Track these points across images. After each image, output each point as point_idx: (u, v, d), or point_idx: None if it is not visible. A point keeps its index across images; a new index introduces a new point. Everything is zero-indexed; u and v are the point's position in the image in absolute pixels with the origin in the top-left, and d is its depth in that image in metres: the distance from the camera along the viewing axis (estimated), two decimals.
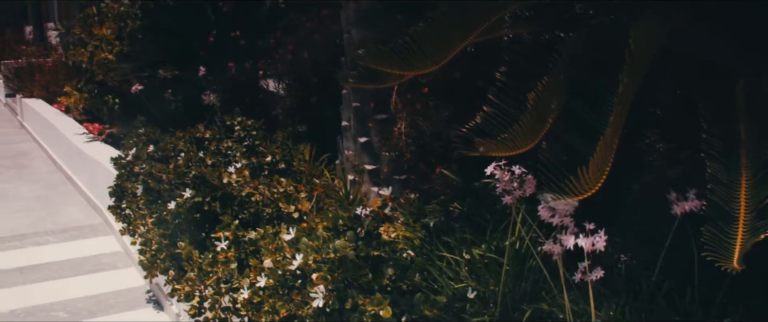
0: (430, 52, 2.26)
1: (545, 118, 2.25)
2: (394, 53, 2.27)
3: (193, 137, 5.37)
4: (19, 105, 13.49)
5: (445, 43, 2.26)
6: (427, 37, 2.23)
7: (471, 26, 2.27)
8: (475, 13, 2.25)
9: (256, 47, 6.43)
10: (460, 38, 2.27)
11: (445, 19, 2.21)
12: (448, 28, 2.24)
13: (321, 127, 5.69)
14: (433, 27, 2.21)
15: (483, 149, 2.18)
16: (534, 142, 2.27)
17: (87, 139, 8.89)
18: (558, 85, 2.17)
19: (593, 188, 2.10)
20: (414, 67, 2.31)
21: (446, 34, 2.24)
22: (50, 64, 12.15)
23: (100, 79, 8.25)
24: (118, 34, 7.88)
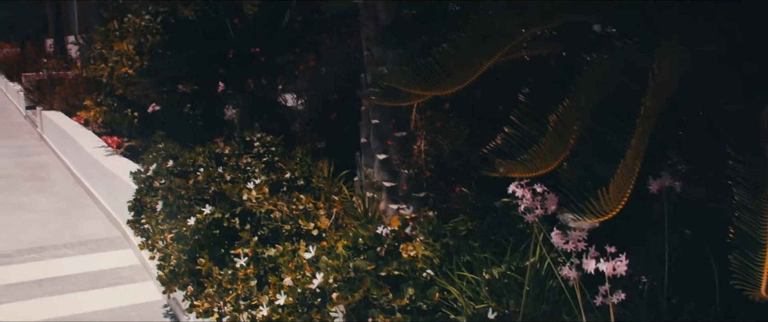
0: (454, 73, 2.26)
1: (566, 140, 2.24)
2: (417, 74, 2.28)
3: (213, 153, 5.39)
4: (39, 117, 13.61)
5: (469, 64, 2.27)
6: (450, 58, 2.24)
7: (495, 47, 2.27)
8: (499, 34, 2.25)
9: (275, 63, 6.46)
10: (484, 59, 2.27)
11: (469, 40, 2.21)
12: (471, 49, 2.24)
13: (340, 144, 5.70)
14: (457, 48, 2.21)
15: (503, 170, 2.18)
16: (555, 163, 2.27)
17: (106, 152, 8.94)
18: (580, 108, 2.16)
19: (614, 210, 2.09)
20: (437, 88, 2.31)
21: (470, 55, 2.24)
22: (70, 78, 12.26)
23: (120, 93, 8.31)
24: (138, 49, 7.93)
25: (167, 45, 6.96)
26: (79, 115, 11.06)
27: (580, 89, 2.13)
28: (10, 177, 10.46)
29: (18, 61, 19.74)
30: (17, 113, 17.46)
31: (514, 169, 2.13)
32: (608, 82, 2.21)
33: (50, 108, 12.99)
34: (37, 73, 14.97)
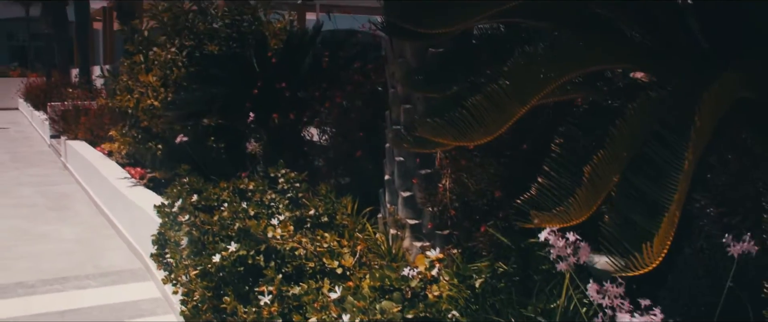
0: (486, 123, 2.27)
1: (601, 191, 2.23)
2: (450, 125, 2.28)
3: (237, 188, 5.41)
4: (64, 147, 13.74)
5: (501, 115, 2.27)
6: (483, 108, 2.24)
7: (528, 96, 2.27)
8: (533, 83, 2.25)
9: (300, 98, 6.50)
10: (517, 108, 2.27)
11: (502, 91, 2.21)
12: (504, 100, 2.24)
13: (363, 180, 5.71)
14: (490, 99, 2.22)
15: (538, 222, 2.17)
16: (589, 213, 2.25)
17: (129, 183, 9.00)
18: (616, 158, 2.15)
19: (655, 263, 2.07)
20: (469, 139, 2.32)
21: (502, 106, 2.24)
22: (95, 108, 12.40)
23: (145, 126, 8.38)
24: (163, 82, 8.02)
25: (192, 79, 7.03)
26: (102, 146, 11.17)
27: (615, 140, 2.12)
28: (34, 206, 10.54)
29: (44, 90, 20.01)
30: (42, 142, 17.65)
31: (549, 220, 2.13)
32: (644, 132, 2.20)
33: (74, 138, 13.13)
34: (62, 102, 15.15)
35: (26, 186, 12.04)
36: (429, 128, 2.35)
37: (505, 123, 2.32)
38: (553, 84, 2.31)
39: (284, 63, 6.61)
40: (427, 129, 2.37)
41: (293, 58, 6.67)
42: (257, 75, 6.52)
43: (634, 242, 2.03)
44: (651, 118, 2.21)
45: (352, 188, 5.69)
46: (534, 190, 2.25)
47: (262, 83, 6.36)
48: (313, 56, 6.68)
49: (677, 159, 2.06)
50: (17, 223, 9.44)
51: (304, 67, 6.62)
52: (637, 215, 2.14)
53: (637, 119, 2.16)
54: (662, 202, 2.03)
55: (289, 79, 6.39)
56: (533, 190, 2.25)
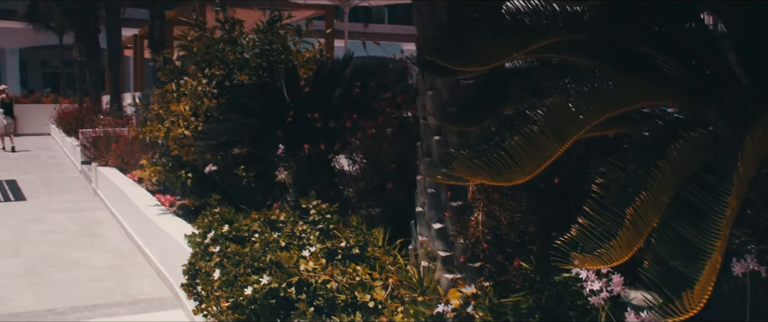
0: (524, 163, 2.25)
1: (643, 232, 2.20)
2: (487, 165, 2.27)
3: (268, 219, 5.41)
4: (94, 173, 13.88)
5: (540, 154, 2.25)
6: (520, 148, 2.22)
7: (567, 135, 2.25)
8: (571, 122, 2.23)
9: (330, 129, 6.52)
10: (556, 148, 2.25)
11: (540, 131, 2.20)
12: (543, 140, 2.22)
13: (394, 211, 5.69)
14: (528, 139, 2.20)
15: (578, 263, 2.14)
16: (629, 255, 2.22)
17: (159, 211, 9.06)
18: (657, 200, 2.12)
19: (696, 309, 2.03)
20: (507, 179, 2.30)
21: (541, 146, 2.22)
22: (126, 136, 12.53)
23: (175, 154, 8.44)
24: (194, 111, 8.08)
25: (223, 109, 7.08)
26: (133, 173, 11.26)
27: (657, 181, 2.09)
28: (65, 232, 10.64)
29: (75, 117, 20.29)
30: (73, 168, 17.85)
31: (591, 262, 2.10)
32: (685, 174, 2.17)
33: (105, 164, 13.26)
34: (93, 129, 15.33)
35: (58, 212, 12.17)
36: (466, 168, 2.34)
37: (543, 163, 2.30)
38: (592, 123, 2.29)
39: (315, 93, 6.64)
40: (464, 169, 2.35)
41: (324, 89, 6.69)
42: (288, 105, 6.55)
43: (675, 288, 2.00)
44: (692, 159, 2.18)
45: (383, 219, 5.68)
46: (574, 231, 2.22)
47: (293, 113, 6.38)
48: (343, 86, 6.70)
49: (719, 204, 2.03)
50: (49, 249, 9.53)
51: (335, 97, 6.64)
52: (677, 259, 2.10)
53: (679, 161, 2.13)
54: (703, 247, 2.00)
55: (319, 109, 6.41)
56: (573, 231, 2.22)
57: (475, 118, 3.26)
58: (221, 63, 8.30)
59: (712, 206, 2.05)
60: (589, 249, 2.14)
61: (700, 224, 2.06)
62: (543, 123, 2.21)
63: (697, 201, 2.13)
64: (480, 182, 2.38)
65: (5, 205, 12.94)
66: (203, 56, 8.43)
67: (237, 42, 8.54)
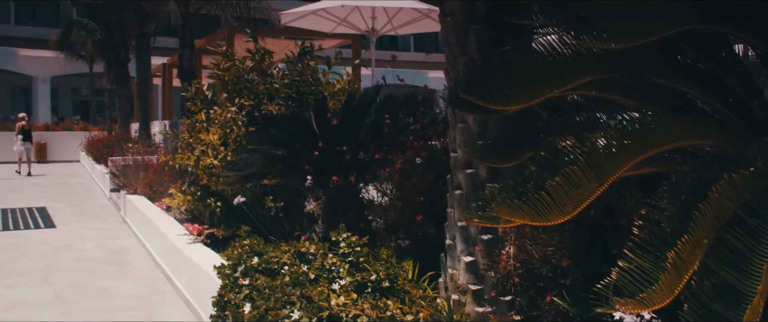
0: (563, 203, 2.23)
1: (684, 275, 2.17)
2: (527, 205, 2.25)
3: (298, 251, 5.41)
4: (123, 201, 13.99)
5: (579, 194, 2.23)
6: (560, 189, 2.21)
7: (607, 175, 2.23)
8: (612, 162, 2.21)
9: (359, 161, 6.53)
10: (595, 188, 2.24)
11: (580, 172, 2.18)
12: (583, 180, 2.21)
13: (424, 243, 5.67)
14: (569, 180, 2.18)
15: (619, 307, 2.11)
16: (671, 298, 2.19)
17: (187, 240, 9.08)
18: (698, 243, 2.09)
19: None
20: (547, 219, 2.28)
21: (581, 185, 2.21)
22: (155, 164, 12.62)
23: (204, 183, 8.49)
24: (223, 141, 8.14)
25: (252, 139, 7.12)
26: (161, 201, 11.32)
27: (699, 224, 2.07)
28: (93, 260, 10.70)
29: (105, 144, 20.53)
30: (102, 195, 18.02)
31: (632, 306, 2.07)
32: (727, 217, 2.14)
33: (134, 192, 13.35)
34: (122, 157, 15.48)
35: (87, 240, 12.26)
36: (506, 209, 2.33)
37: (582, 203, 2.28)
38: (631, 163, 2.27)
39: (344, 124, 6.66)
40: (503, 210, 2.34)
41: (353, 120, 6.71)
42: (317, 136, 6.58)
43: None
44: (733, 201, 2.15)
45: (412, 252, 5.66)
46: (615, 274, 2.20)
47: (322, 145, 6.40)
48: (372, 117, 6.73)
49: (761, 246, 2.00)
50: (78, 277, 9.58)
51: (364, 128, 6.66)
52: (718, 303, 2.07)
53: (720, 203, 2.10)
54: (745, 290, 1.97)
55: (348, 140, 6.43)
56: (614, 274, 2.20)
57: (507, 156, 3.25)
58: (251, 93, 8.37)
59: (754, 248, 2.02)
60: (630, 293, 2.12)
61: (741, 266, 2.03)
62: (583, 163, 2.19)
63: (738, 244, 2.10)
64: (519, 222, 2.36)
65: (35, 232, 13.06)
66: (233, 86, 8.50)
67: (267, 72, 8.61)
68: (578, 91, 2.90)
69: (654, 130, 2.40)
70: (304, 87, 8.27)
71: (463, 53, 4.87)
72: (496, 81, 2.72)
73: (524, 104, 2.70)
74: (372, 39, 16.38)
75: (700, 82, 2.92)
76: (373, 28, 16.04)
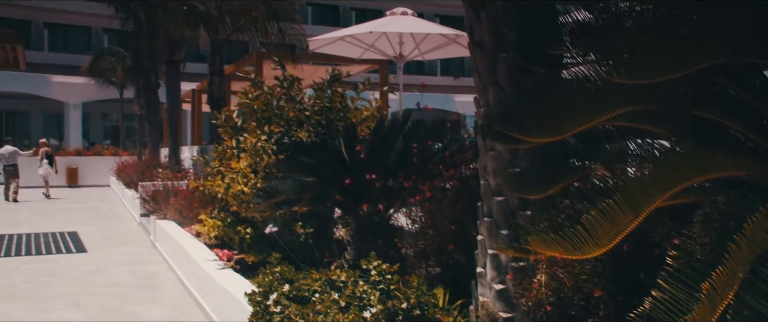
0: (598, 236, 2.24)
1: (718, 306, 2.16)
2: (562, 239, 2.26)
3: (329, 279, 5.43)
4: (153, 226, 14.12)
5: (615, 227, 2.24)
6: (596, 223, 2.22)
7: (642, 207, 2.24)
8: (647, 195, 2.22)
9: (389, 188, 6.56)
10: (631, 220, 2.24)
11: (617, 206, 2.19)
12: (619, 213, 2.21)
13: (455, 271, 5.67)
14: (604, 212, 2.19)
15: None
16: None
17: (217, 266, 9.14)
18: (733, 275, 2.09)
19: None
20: (583, 252, 2.29)
21: (616, 218, 2.21)
22: (185, 190, 12.73)
23: (234, 210, 8.56)
24: (253, 168, 8.21)
25: (282, 166, 7.18)
26: (191, 227, 11.41)
27: (734, 256, 2.06)
28: (124, 285, 10.79)
29: (135, 170, 20.78)
30: (132, 220, 18.20)
31: None
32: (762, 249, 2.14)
33: (164, 217, 13.47)
34: (152, 182, 15.63)
35: (117, 265, 12.38)
36: (541, 242, 2.34)
37: (617, 235, 2.29)
38: (666, 194, 2.27)
39: (373, 152, 6.70)
40: (539, 243, 2.35)
41: (382, 147, 6.75)
42: (346, 164, 6.62)
43: None
44: None
45: (443, 279, 5.66)
46: (647, 304, 2.20)
47: (352, 173, 6.44)
48: (401, 145, 6.76)
49: None
50: (109, 302, 9.67)
51: (393, 155, 6.69)
52: None
53: (755, 235, 2.10)
54: None
55: (377, 168, 6.46)
56: (647, 304, 2.20)
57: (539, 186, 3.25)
58: (280, 120, 8.44)
59: None
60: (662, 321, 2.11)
61: None
62: (618, 197, 2.20)
63: None
64: (554, 255, 2.37)
65: (67, 257, 13.22)
66: (263, 114, 8.59)
67: (296, 99, 8.69)
68: (610, 122, 2.91)
69: (689, 161, 2.41)
70: (332, 114, 8.33)
71: (492, 82, 4.89)
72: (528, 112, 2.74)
73: (557, 136, 2.72)
74: (399, 64, 16.46)
75: (734, 111, 2.91)
76: (401, 54, 16.12)
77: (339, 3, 59.37)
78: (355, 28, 16.28)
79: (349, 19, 57.14)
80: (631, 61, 2.40)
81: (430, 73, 57.99)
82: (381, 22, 15.87)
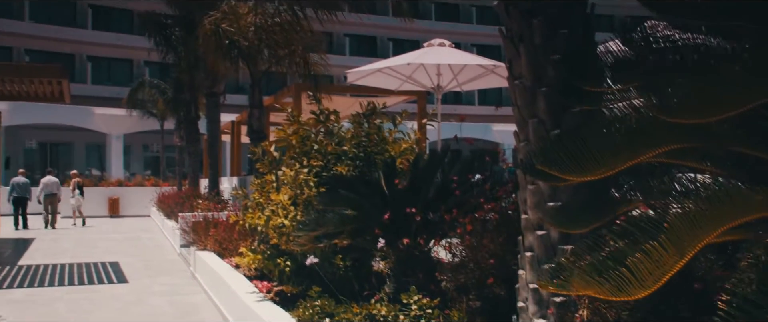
0: (643, 278, 2.22)
1: None
2: (606, 280, 2.25)
3: (370, 314, 5.44)
4: (192, 257, 14.24)
5: (660, 269, 2.22)
6: (641, 263, 2.20)
7: (688, 249, 2.22)
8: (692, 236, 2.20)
9: (429, 221, 6.55)
10: (676, 262, 2.22)
11: (662, 248, 2.17)
12: (664, 255, 2.20)
13: (495, 305, 5.63)
14: (650, 255, 2.18)
15: None
16: None
17: (257, 297, 9.18)
18: None
19: None
20: (627, 293, 2.27)
21: (662, 260, 2.20)
22: (224, 222, 12.83)
23: (274, 243, 8.60)
24: (293, 201, 8.26)
25: (323, 200, 7.22)
26: (230, 258, 11.48)
27: None
28: (164, 316, 10.88)
29: (176, 200, 21.03)
30: (172, 250, 18.39)
31: None
32: None
33: (204, 248, 13.57)
34: (192, 213, 15.79)
35: (158, 295, 12.49)
36: (583, 283, 2.33)
37: (663, 276, 2.27)
38: (713, 235, 2.25)
39: (413, 186, 6.71)
40: (581, 284, 2.34)
41: (421, 181, 6.76)
42: (386, 197, 6.64)
43: None
44: None
45: (483, 313, 5.62)
46: None
47: (392, 207, 6.46)
48: (441, 178, 6.76)
49: None
50: None
51: (433, 189, 6.70)
52: None
53: None
54: None
55: (417, 201, 6.47)
56: None
57: (580, 222, 3.23)
58: (319, 154, 8.51)
59: None
60: None
61: None
62: (663, 238, 2.19)
63: None
64: (597, 296, 2.35)
65: (109, 287, 13.38)
66: (301, 147, 8.66)
67: (333, 133, 8.75)
68: (652, 159, 2.89)
69: (736, 200, 2.38)
70: (370, 147, 8.37)
71: (532, 115, 4.90)
72: (569, 151, 2.73)
73: (600, 175, 2.71)
74: (437, 95, 16.49)
75: None
76: (439, 85, 16.16)
77: (376, 34, 59.88)
78: (393, 60, 16.36)
79: (386, 50, 57.59)
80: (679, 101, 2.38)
81: (468, 102, 58.04)
82: (419, 54, 15.95)
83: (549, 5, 4.87)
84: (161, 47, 22.93)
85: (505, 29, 5.19)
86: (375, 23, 56.72)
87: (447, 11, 62.68)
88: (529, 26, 4.94)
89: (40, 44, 49.66)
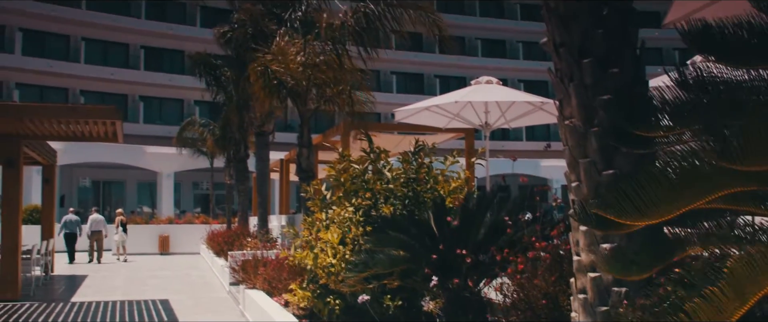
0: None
1: None
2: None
3: None
4: (242, 295, 14.31)
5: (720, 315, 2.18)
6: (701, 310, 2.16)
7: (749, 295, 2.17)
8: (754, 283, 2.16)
9: (479, 262, 6.52)
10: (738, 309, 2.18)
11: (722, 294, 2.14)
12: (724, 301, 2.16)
13: None
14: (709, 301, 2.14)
15: None
16: None
17: None
18: None
19: None
20: None
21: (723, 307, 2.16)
22: (273, 260, 12.89)
23: (323, 282, 8.63)
24: (341, 240, 8.30)
25: (372, 240, 7.23)
26: (280, 297, 11.51)
27: None
28: None
29: (225, 238, 21.22)
30: (221, 289, 18.51)
31: None
32: None
33: (253, 287, 13.63)
34: (242, 251, 15.89)
35: None
36: None
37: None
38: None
39: (463, 225, 6.69)
40: None
41: (472, 220, 6.74)
42: (436, 237, 6.63)
43: None
44: None
45: None
46: None
47: (442, 248, 6.44)
48: (491, 218, 6.73)
49: None
50: None
51: (483, 229, 6.67)
52: None
53: None
54: None
55: (467, 242, 6.45)
56: None
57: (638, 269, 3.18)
58: (368, 192, 8.55)
59: None
60: None
61: None
62: (724, 284, 2.15)
63: None
64: None
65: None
66: (350, 186, 8.71)
67: (382, 172, 8.79)
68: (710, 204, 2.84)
69: None
70: (419, 186, 8.38)
71: (583, 155, 4.86)
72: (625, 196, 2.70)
73: (656, 220, 2.67)
74: (485, 133, 16.46)
75: None
76: (486, 123, 16.13)
77: (423, 71, 60.22)
78: (441, 98, 16.40)
79: (433, 87, 57.85)
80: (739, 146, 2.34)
81: (516, 138, 57.79)
82: (466, 92, 15.97)
83: (599, 45, 4.86)
84: (212, 87, 23.38)
85: (555, 68, 5.18)
86: (422, 61, 57.12)
87: (494, 47, 62.85)
88: (579, 66, 4.92)
89: (95, 85, 51.04)
